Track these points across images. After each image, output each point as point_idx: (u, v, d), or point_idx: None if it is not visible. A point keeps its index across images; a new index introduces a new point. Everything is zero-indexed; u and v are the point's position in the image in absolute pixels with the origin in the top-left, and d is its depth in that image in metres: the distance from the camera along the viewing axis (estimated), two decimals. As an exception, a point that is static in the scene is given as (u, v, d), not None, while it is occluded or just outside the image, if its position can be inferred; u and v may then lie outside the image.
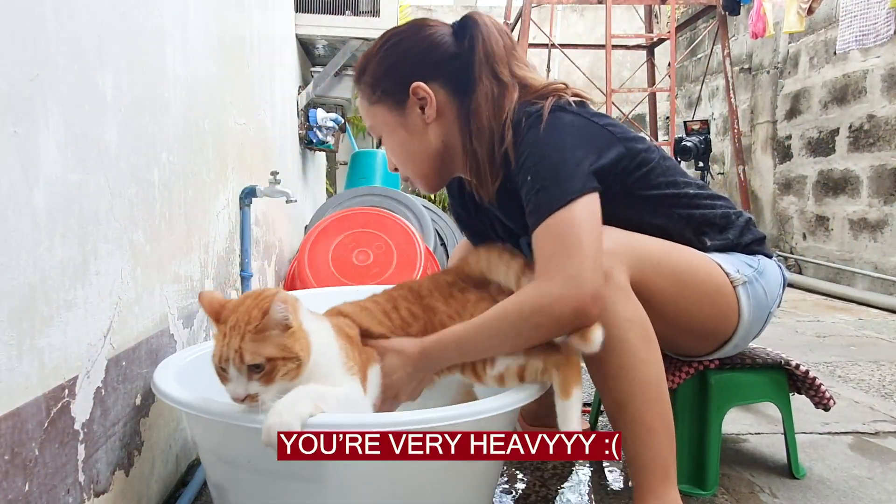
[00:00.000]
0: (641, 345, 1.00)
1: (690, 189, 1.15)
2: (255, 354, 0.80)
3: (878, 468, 1.36)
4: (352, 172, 4.34)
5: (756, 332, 1.20)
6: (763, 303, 1.15)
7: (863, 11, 3.46)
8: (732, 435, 1.55)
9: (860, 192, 3.79)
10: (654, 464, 1.01)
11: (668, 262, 1.08)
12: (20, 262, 0.70)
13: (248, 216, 1.71)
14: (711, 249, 1.16)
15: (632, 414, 1.00)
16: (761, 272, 1.16)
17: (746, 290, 1.13)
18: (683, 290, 1.09)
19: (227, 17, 1.62)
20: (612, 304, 0.98)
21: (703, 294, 1.10)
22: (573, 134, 1.02)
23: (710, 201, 1.17)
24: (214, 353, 0.82)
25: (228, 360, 0.80)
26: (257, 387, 0.80)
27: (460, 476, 0.94)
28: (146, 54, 1.06)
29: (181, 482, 1.24)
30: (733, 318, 1.13)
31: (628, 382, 1.00)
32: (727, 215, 1.18)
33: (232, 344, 0.80)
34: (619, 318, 0.99)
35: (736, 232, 1.18)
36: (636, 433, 1.00)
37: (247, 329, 0.81)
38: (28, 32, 0.71)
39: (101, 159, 0.89)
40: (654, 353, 1.02)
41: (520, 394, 0.93)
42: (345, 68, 3.32)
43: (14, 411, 0.68)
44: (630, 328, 0.99)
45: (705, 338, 1.18)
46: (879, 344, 2.59)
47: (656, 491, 1.00)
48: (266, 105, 2.21)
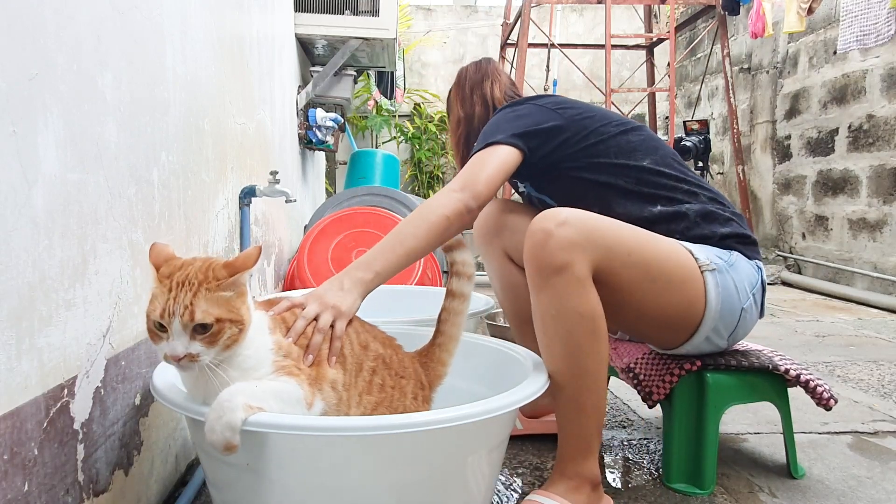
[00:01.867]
0: (586, 337, 1.07)
1: (645, 163, 1.27)
2: (206, 313, 0.78)
3: (878, 468, 1.36)
4: (351, 172, 4.34)
5: (731, 329, 1.21)
6: (732, 295, 1.17)
7: (863, 11, 3.46)
8: (732, 435, 1.55)
9: (859, 192, 3.79)
10: (580, 439, 1.10)
11: (640, 254, 1.12)
12: (19, 261, 0.70)
13: (248, 216, 1.71)
14: (656, 219, 1.23)
15: (567, 395, 1.09)
16: (732, 265, 1.19)
17: (715, 277, 1.16)
18: (653, 282, 1.13)
19: (226, 16, 1.62)
20: (565, 296, 1.06)
21: (671, 283, 1.14)
22: (513, 115, 1.30)
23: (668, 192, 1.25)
24: (153, 309, 0.78)
25: (173, 316, 0.77)
26: (199, 347, 0.78)
27: (461, 476, 0.94)
28: (146, 54, 1.06)
29: (181, 482, 1.24)
30: (700, 305, 1.16)
31: (568, 368, 1.08)
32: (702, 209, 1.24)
33: (181, 300, 0.77)
34: (569, 311, 1.06)
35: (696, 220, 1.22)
36: (568, 411, 1.10)
37: (202, 287, 0.79)
38: (28, 32, 0.71)
39: (100, 159, 0.89)
40: (598, 345, 1.08)
41: (518, 394, 0.93)
42: (344, 68, 3.32)
43: (13, 411, 0.68)
44: (578, 321, 1.06)
45: (673, 327, 1.20)
46: (879, 344, 2.59)
47: (576, 459, 1.10)
48: (265, 105, 2.21)
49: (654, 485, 1.27)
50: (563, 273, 1.05)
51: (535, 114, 1.29)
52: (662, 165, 1.27)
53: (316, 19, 3.11)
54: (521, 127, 1.27)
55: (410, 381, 1.03)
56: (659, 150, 1.30)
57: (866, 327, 2.92)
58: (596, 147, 1.28)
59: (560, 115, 1.29)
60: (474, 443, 0.93)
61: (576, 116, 1.29)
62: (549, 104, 1.32)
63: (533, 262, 1.08)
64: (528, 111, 1.31)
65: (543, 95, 1.38)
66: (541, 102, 1.33)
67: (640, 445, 1.47)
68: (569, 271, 1.05)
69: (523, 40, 4.63)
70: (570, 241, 1.05)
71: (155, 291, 0.80)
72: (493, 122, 1.33)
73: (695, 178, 1.30)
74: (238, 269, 0.81)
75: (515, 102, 1.36)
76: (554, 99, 1.34)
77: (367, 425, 0.80)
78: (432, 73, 6.86)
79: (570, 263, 1.05)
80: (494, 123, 1.31)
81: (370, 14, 3.16)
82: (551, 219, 1.08)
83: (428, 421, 0.82)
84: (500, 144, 1.24)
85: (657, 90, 5.06)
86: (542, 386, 0.97)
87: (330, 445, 0.83)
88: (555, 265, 1.05)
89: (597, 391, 1.09)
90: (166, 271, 0.80)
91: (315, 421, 0.81)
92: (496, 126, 1.29)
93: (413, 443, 0.85)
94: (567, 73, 6.15)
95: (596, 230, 1.09)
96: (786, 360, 1.31)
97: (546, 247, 1.06)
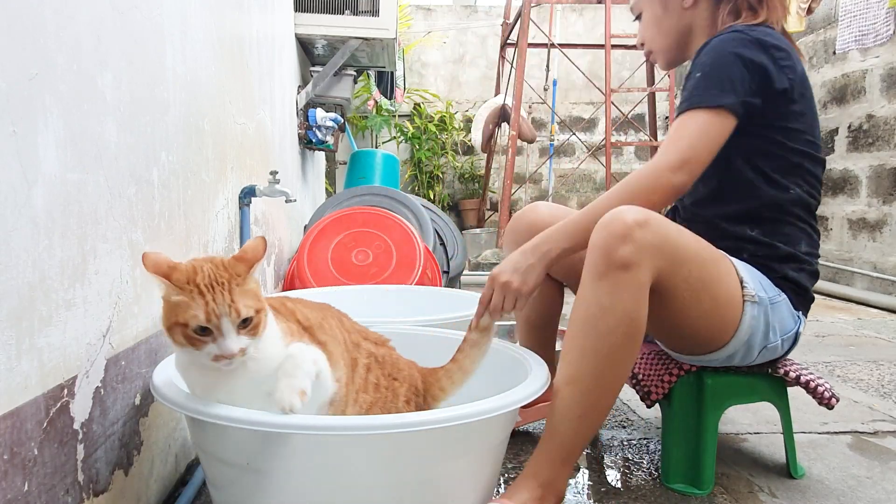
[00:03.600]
0: (624, 341, 1.05)
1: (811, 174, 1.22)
2: (247, 307, 0.80)
3: (877, 468, 1.36)
4: (351, 172, 4.34)
5: (745, 359, 1.21)
6: (761, 333, 1.16)
7: (862, 11, 3.46)
8: (731, 434, 1.55)
9: (859, 192, 3.79)
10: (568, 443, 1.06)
11: (699, 274, 1.10)
12: (19, 261, 0.70)
13: (248, 216, 1.71)
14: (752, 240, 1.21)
15: (579, 391, 1.05)
16: (774, 304, 1.17)
17: (753, 309, 1.14)
18: (700, 302, 1.12)
19: (226, 16, 1.62)
20: (623, 294, 1.04)
21: (713, 308, 1.13)
22: (752, 59, 1.14)
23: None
24: (194, 315, 0.78)
25: (222, 316, 0.78)
26: (246, 339, 0.80)
27: (462, 475, 0.94)
28: (145, 54, 1.06)
29: (180, 481, 1.24)
30: (731, 331, 1.15)
31: (594, 364, 1.05)
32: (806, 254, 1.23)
33: (222, 300, 0.78)
34: (620, 310, 1.04)
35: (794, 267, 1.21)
36: (570, 411, 1.06)
37: (232, 284, 0.80)
38: (27, 32, 0.71)
39: (100, 159, 0.89)
40: (630, 354, 1.06)
41: (516, 395, 0.93)
42: (344, 68, 3.31)
43: (13, 411, 0.68)
44: (623, 322, 1.04)
45: (698, 343, 1.20)
46: (878, 344, 2.59)
47: (555, 465, 1.05)
48: (265, 104, 2.21)
49: (654, 485, 1.27)
50: (629, 270, 1.03)
51: (767, 77, 1.15)
52: (816, 191, 1.24)
53: (316, 19, 3.11)
54: (756, 86, 1.14)
55: (404, 385, 1.02)
56: (817, 177, 1.25)
57: (866, 327, 2.92)
58: (791, 137, 1.20)
59: (786, 97, 1.17)
60: (476, 442, 0.93)
61: (794, 107, 1.19)
62: (790, 71, 1.17)
63: (602, 250, 1.05)
64: (765, 67, 1.14)
65: (789, 50, 1.19)
66: (784, 63, 1.16)
67: (639, 445, 1.47)
68: (635, 271, 1.03)
69: (523, 40, 4.63)
70: (646, 244, 1.03)
71: (180, 299, 0.79)
72: (724, 57, 1.15)
73: (805, 213, 1.25)
74: (253, 262, 0.84)
75: (755, 41, 1.15)
76: (796, 67, 1.19)
77: (368, 425, 0.81)
78: (432, 73, 6.86)
79: (639, 265, 1.03)
80: (729, 61, 1.15)
81: (370, 14, 3.16)
82: (633, 215, 1.04)
83: (428, 420, 0.82)
84: (728, 112, 1.13)
85: (657, 90, 5.06)
86: (542, 385, 0.97)
87: (330, 445, 0.83)
88: (624, 260, 1.03)
89: (609, 397, 1.07)
90: (182, 278, 0.80)
91: (315, 420, 0.81)
92: (729, 68, 1.14)
93: (413, 443, 0.85)
94: (567, 73, 6.15)
95: (672, 241, 1.07)
96: (785, 362, 1.31)
97: (621, 240, 1.03)
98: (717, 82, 1.14)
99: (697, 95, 1.15)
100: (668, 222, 1.09)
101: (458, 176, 6.81)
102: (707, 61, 1.16)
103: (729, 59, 1.14)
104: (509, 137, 3.91)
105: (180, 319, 0.79)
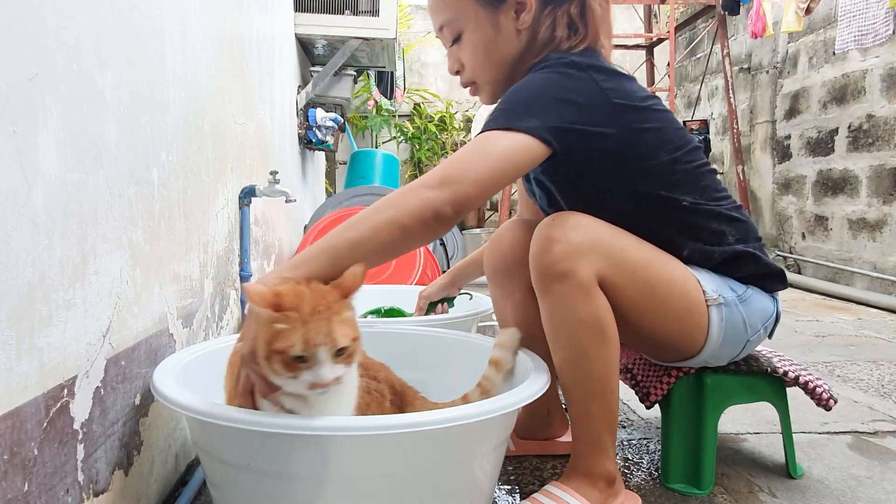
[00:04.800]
0: (590, 344, 1.04)
1: (685, 201, 1.11)
2: (344, 336, 0.80)
3: (877, 468, 1.36)
4: (351, 172, 4.34)
5: (733, 355, 1.20)
6: (738, 330, 1.14)
7: (861, 11, 3.46)
8: (731, 434, 1.55)
9: (859, 192, 3.79)
10: (589, 439, 1.08)
11: (644, 274, 1.07)
12: (19, 261, 0.70)
13: (248, 216, 1.72)
14: (689, 260, 1.14)
15: (574, 398, 1.08)
16: (745, 300, 1.14)
17: (721, 311, 1.11)
18: (653, 304, 1.08)
19: (226, 16, 1.62)
20: (567, 304, 1.02)
21: (671, 310, 1.10)
22: (563, 89, 1.00)
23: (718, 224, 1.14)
24: (291, 344, 0.78)
25: (319, 346, 0.78)
26: (341, 368, 0.81)
27: (464, 475, 0.94)
28: (145, 54, 1.06)
29: (180, 481, 1.24)
30: (701, 337, 1.13)
31: (573, 374, 1.06)
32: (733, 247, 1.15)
33: (320, 329, 0.79)
34: (571, 318, 1.03)
35: (721, 261, 1.14)
36: (577, 413, 1.09)
37: (331, 312, 0.81)
38: (27, 32, 0.71)
39: (100, 159, 0.89)
40: (603, 350, 1.04)
41: (514, 396, 0.93)
42: (344, 68, 3.32)
43: (13, 411, 0.68)
44: (580, 328, 1.03)
45: (668, 349, 1.19)
46: (878, 344, 2.59)
47: (587, 457, 1.08)
48: (265, 104, 2.21)
49: (654, 485, 1.27)
50: (565, 280, 1.01)
51: (591, 100, 1.01)
52: (702, 199, 1.13)
53: (316, 19, 3.11)
54: (567, 117, 0.99)
55: (383, 384, 1.04)
56: (700, 181, 1.14)
57: (866, 327, 2.92)
58: (643, 172, 1.09)
59: (617, 119, 1.03)
60: (479, 442, 0.93)
61: (633, 125, 1.05)
62: (614, 93, 1.02)
63: (536, 267, 1.04)
64: (586, 91, 1.01)
65: (613, 72, 1.05)
66: (605, 85, 1.02)
67: (639, 445, 1.47)
68: (572, 278, 1.01)
69: (523, 40, 4.62)
70: (575, 248, 1.01)
71: (280, 328, 0.79)
72: (534, 81, 1.01)
73: (726, 207, 1.15)
74: (351, 290, 0.84)
75: (574, 63, 1.02)
76: (622, 86, 1.04)
77: (369, 425, 0.80)
78: (432, 73, 6.86)
79: (573, 271, 1.01)
80: (534, 89, 1.00)
81: (370, 14, 3.16)
82: (559, 224, 1.02)
83: (431, 420, 0.82)
84: (525, 134, 0.95)
85: (657, 90, 5.06)
86: (543, 386, 0.97)
87: (331, 445, 0.83)
88: (557, 271, 1.01)
89: (603, 395, 1.07)
90: (287, 306, 0.80)
91: (315, 421, 0.81)
92: (534, 96, 0.99)
93: (415, 443, 0.85)
94: (567, 73, 6.14)
95: (605, 240, 1.04)
96: (785, 362, 1.31)
97: (550, 252, 1.01)
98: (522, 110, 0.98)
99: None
100: (599, 223, 1.04)
101: (458, 176, 6.79)
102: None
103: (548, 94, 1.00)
104: (509, 137, 3.94)
105: (279, 347, 0.79)
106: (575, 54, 1.06)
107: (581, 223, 1.04)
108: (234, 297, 1.67)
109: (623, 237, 1.08)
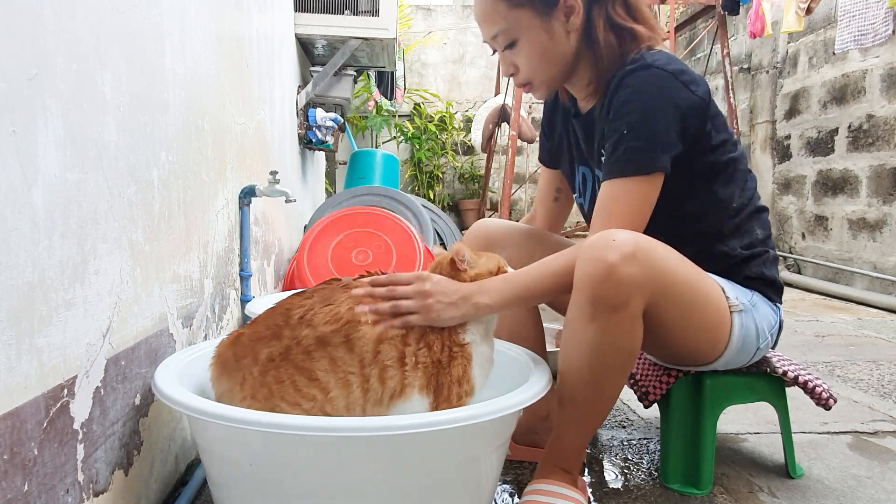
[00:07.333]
0: (618, 369, 1.05)
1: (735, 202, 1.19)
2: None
3: (877, 468, 1.36)
4: (351, 172, 4.34)
5: (743, 362, 1.22)
6: (751, 336, 1.16)
7: (861, 11, 3.46)
8: (731, 434, 1.55)
9: (859, 192, 3.79)
10: (573, 445, 1.11)
11: (689, 295, 1.08)
12: (19, 261, 0.70)
13: (248, 216, 1.72)
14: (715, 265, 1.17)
15: (576, 407, 1.08)
16: (754, 305, 1.17)
17: (741, 318, 1.14)
18: (690, 321, 1.11)
19: (226, 16, 1.62)
20: (617, 334, 1.02)
21: (705, 324, 1.12)
22: (675, 107, 1.08)
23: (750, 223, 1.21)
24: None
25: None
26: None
27: (465, 475, 0.94)
28: (145, 54, 1.06)
29: (180, 481, 1.24)
30: (722, 345, 1.15)
31: (589, 390, 1.06)
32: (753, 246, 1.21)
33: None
34: (615, 348, 1.03)
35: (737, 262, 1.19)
36: (570, 422, 1.10)
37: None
38: (27, 32, 0.71)
39: (100, 159, 0.89)
40: (624, 376, 1.07)
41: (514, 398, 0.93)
42: (344, 68, 3.32)
43: (13, 411, 0.68)
44: (616, 356, 1.04)
45: (690, 357, 1.20)
46: (878, 343, 2.59)
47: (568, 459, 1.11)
48: (265, 104, 2.21)
49: (654, 485, 1.27)
50: (620, 311, 0.99)
51: (696, 117, 1.10)
52: (743, 199, 1.20)
53: (316, 19, 3.11)
54: (682, 142, 1.09)
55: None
56: (745, 179, 1.21)
57: (866, 327, 2.92)
58: (709, 167, 1.16)
59: (705, 123, 1.13)
60: (481, 442, 0.93)
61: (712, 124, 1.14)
62: (704, 100, 1.11)
63: (588, 292, 1.00)
64: (689, 107, 1.09)
65: (692, 73, 1.11)
66: (698, 92, 1.10)
67: (639, 445, 1.47)
68: (626, 310, 1.00)
69: (523, 40, 4.62)
70: (633, 280, 0.98)
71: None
72: (647, 104, 1.07)
73: (757, 205, 1.22)
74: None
75: (680, 69, 1.09)
76: (704, 89, 1.12)
77: (371, 426, 0.80)
78: (432, 73, 6.86)
79: (629, 303, 1.00)
80: (656, 116, 1.07)
81: (370, 14, 3.16)
82: (615, 248, 0.98)
83: (434, 422, 0.82)
84: (661, 173, 1.08)
85: (657, 90, 5.04)
86: (544, 387, 0.97)
87: (332, 446, 0.83)
88: (614, 303, 0.99)
89: (605, 411, 1.10)
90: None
91: (316, 421, 0.81)
92: (657, 125, 1.07)
93: (417, 444, 0.85)
94: (567, 73, 6.14)
95: (660, 269, 1.03)
96: (784, 361, 1.31)
97: (607, 281, 0.98)
98: (650, 140, 1.07)
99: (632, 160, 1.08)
100: (654, 247, 1.03)
101: (458, 176, 6.81)
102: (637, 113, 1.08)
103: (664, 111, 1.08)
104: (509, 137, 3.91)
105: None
106: (657, 58, 1.10)
107: (639, 251, 1.00)
108: (234, 297, 1.67)
109: (676, 262, 1.07)
